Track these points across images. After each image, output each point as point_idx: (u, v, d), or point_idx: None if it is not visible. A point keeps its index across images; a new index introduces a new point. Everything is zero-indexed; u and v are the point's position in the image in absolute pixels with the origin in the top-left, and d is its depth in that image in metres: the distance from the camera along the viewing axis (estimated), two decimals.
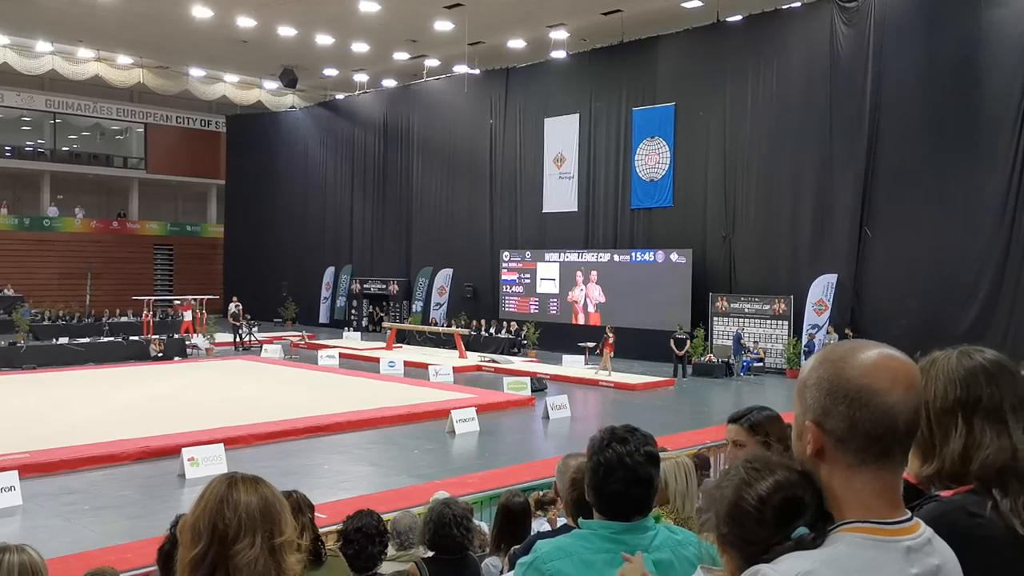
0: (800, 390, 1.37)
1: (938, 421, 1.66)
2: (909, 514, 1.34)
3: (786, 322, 22.30)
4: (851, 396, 1.29)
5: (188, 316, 28.72)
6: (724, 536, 1.54)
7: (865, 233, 20.95)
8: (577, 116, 27.42)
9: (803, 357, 21.21)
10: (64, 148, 40.33)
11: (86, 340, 24.65)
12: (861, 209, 20.95)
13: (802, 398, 1.36)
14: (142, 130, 41.57)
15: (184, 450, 11.09)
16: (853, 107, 21.11)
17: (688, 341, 22.14)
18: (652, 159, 25.51)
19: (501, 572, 4.00)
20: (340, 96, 36.68)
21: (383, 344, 26.88)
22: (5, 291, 34.91)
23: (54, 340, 24.76)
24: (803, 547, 1.35)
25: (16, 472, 9.88)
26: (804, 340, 21.48)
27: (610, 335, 21.61)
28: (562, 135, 27.85)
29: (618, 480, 2.12)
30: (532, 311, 27.94)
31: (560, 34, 27.11)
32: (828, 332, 21.01)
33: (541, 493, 6.22)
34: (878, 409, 1.28)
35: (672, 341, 21.81)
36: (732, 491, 1.52)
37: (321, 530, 6.67)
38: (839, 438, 1.30)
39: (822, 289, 21.63)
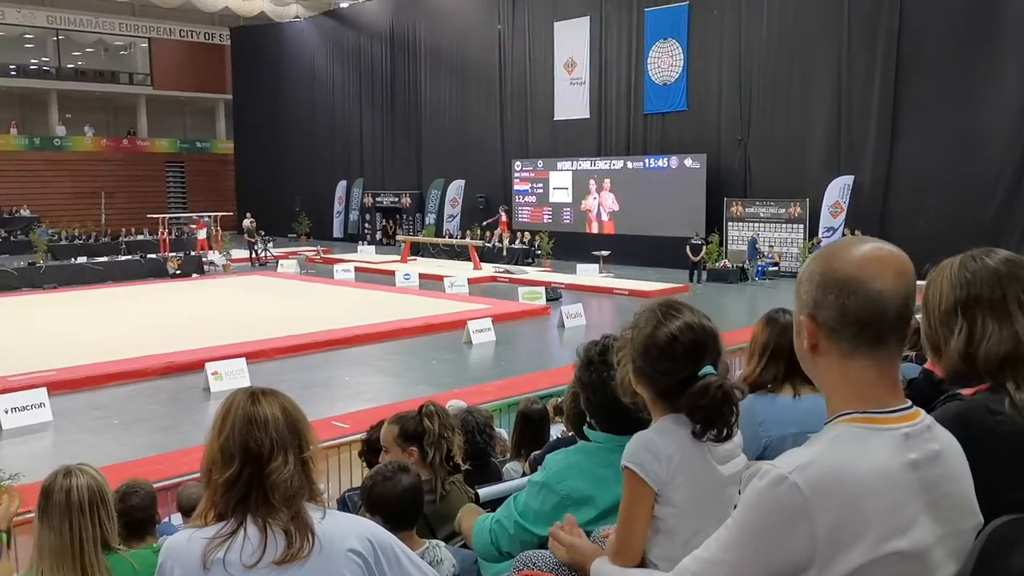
0: (796, 288, 1.39)
1: (941, 322, 1.69)
2: (908, 403, 1.35)
3: (802, 225, 22.16)
4: (840, 285, 1.30)
5: (202, 234, 28.85)
6: (638, 368, 1.75)
7: (884, 132, 20.57)
8: (587, 19, 26.70)
9: None
10: (69, 66, 39.84)
11: (104, 259, 24.87)
12: (892, 109, 20.46)
13: (798, 295, 1.38)
14: (146, 45, 40.93)
15: (207, 364, 11.29)
16: (875, 3, 20.44)
17: (703, 247, 22.14)
18: (665, 62, 24.94)
19: (523, 475, 4.11)
20: (344, 4, 35.83)
21: (397, 257, 26.98)
22: (21, 211, 35.10)
23: (73, 260, 24.98)
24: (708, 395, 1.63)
25: (45, 389, 10.14)
26: (814, 243, 21.37)
27: (502, 214, 23.86)
28: (572, 39, 27.19)
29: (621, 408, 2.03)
30: (545, 221, 27.85)
31: None
32: (844, 234, 20.88)
33: (559, 400, 6.33)
34: (867, 295, 1.29)
35: (688, 247, 21.85)
36: (648, 328, 1.74)
37: (344, 440, 6.87)
38: (831, 328, 1.32)
39: (838, 191, 21.40)
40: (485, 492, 3.03)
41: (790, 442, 2.84)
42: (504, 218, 22.78)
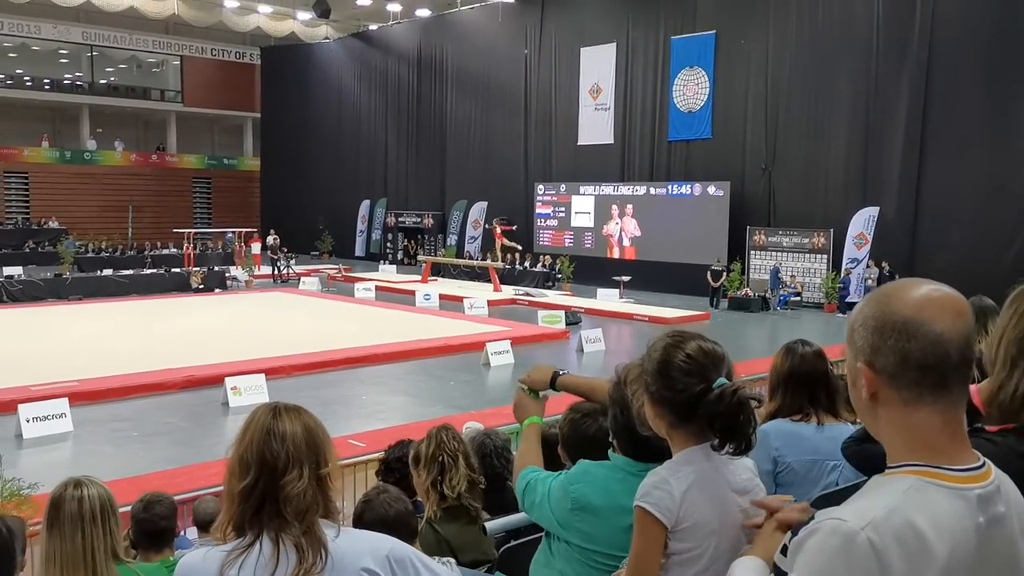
0: (849, 335, 1.32)
1: (1007, 348, 1.69)
2: (981, 460, 1.29)
3: (825, 256, 22.02)
4: (899, 328, 1.24)
5: (256, 249, 29.26)
6: (654, 395, 1.79)
7: (911, 164, 20.46)
8: (614, 45, 26.85)
9: (841, 293, 21.02)
10: (102, 81, 40.49)
11: (129, 272, 25.15)
12: (919, 141, 20.33)
13: (852, 342, 1.31)
14: (178, 63, 41.55)
15: (227, 379, 11.35)
16: (903, 32, 20.37)
17: (723, 274, 22.13)
18: (691, 89, 24.99)
19: None
20: (373, 27, 36.24)
21: (418, 277, 27.06)
22: (49, 223, 35.58)
23: (98, 272, 25.27)
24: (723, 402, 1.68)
25: (66, 399, 10.22)
26: (842, 275, 21.24)
27: (497, 227, 24.38)
28: (598, 65, 27.33)
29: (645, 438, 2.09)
30: (567, 245, 27.87)
31: None
32: (868, 266, 20.75)
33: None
34: (927, 338, 1.23)
35: (709, 273, 22.00)
36: (661, 352, 1.80)
37: (360, 459, 6.87)
38: (891, 374, 1.26)
39: (863, 222, 21.26)
40: (492, 526, 3.02)
41: (810, 467, 2.84)
42: (499, 230, 23.37)
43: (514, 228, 28.36)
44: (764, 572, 1.57)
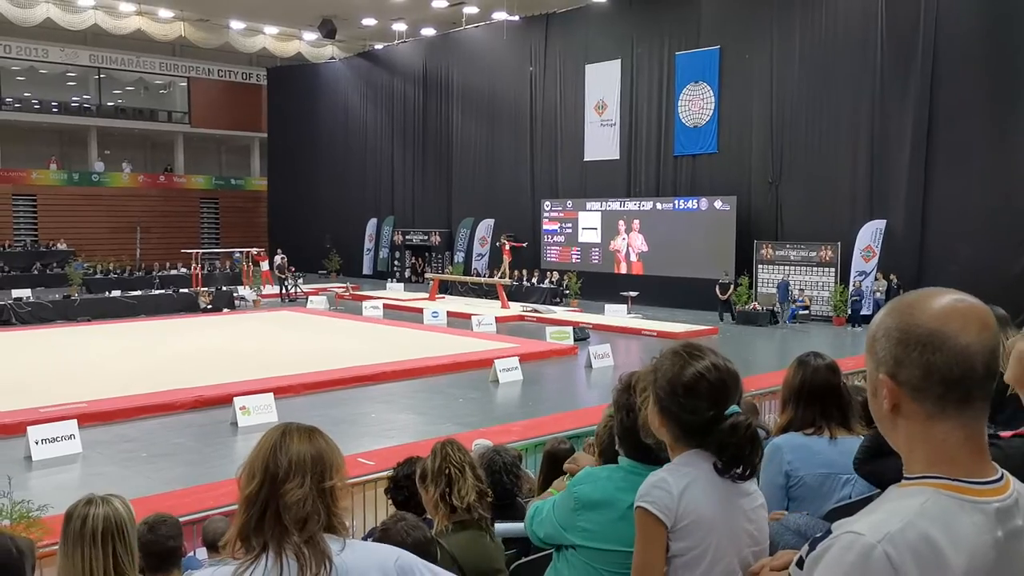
0: (870, 345, 1.30)
1: None
2: (1000, 472, 1.27)
3: (833, 269, 21.97)
4: (923, 341, 1.21)
5: (265, 266, 29.42)
6: (663, 408, 1.78)
7: (917, 176, 20.44)
8: (619, 62, 26.95)
9: (854, 305, 20.95)
10: (109, 103, 40.79)
11: (137, 293, 25.24)
12: (924, 153, 20.32)
13: (873, 352, 1.29)
14: (185, 84, 41.86)
15: (236, 399, 11.35)
16: (907, 44, 20.41)
17: (731, 286, 22.12)
18: (696, 105, 25.04)
19: None
20: (379, 46, 36.49)
21: (426, 295, 27.07)
22: (58, 245, 35.77)
23: (107, 293, 25.37)
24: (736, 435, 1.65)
25: (75, 421, 10.22)
26: (851, 287, 21.18)
27: (506, 243, 25.30)
28: (603, 82, 27.43)
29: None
30: (574, 261, 27.87)
31: None
32: (876, 278, 20.69)
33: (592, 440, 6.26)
34: (953, 351, 1.20)
35: (717, 286, 22.07)
36: (674, 367, 1.78)
37: (370, 477, 6.84)
38: (915, 387, 1.24)
39: (870, 235, 21.22)
40: (501, 528, 3.00)
41: (823, 481, 2.82)
42: (507, 247, 23.98)
43: (524, 244, 28.41)
44: None
